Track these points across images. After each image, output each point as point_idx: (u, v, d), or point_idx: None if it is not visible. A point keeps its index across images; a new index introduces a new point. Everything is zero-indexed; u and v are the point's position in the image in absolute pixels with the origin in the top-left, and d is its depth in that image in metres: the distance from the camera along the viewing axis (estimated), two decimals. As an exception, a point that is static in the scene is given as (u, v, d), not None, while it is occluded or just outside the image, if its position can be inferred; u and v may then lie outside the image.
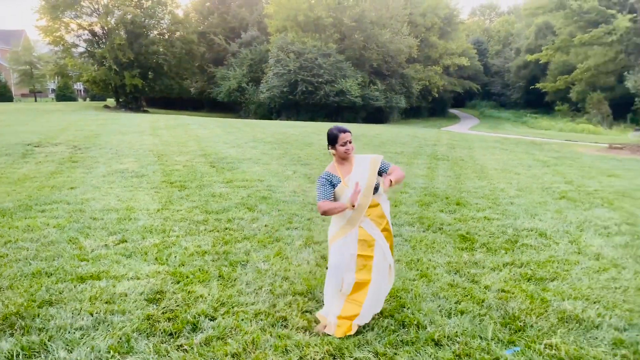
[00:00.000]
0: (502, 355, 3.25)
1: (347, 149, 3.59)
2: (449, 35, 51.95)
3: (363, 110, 41.19)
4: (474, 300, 4.15)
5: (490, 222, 6.88)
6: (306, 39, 40.09)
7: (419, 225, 6.60)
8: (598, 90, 43.53)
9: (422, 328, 3.63)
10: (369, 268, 3.53)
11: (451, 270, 4.91)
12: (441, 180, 10.40)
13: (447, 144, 18.48)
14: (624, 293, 4.43)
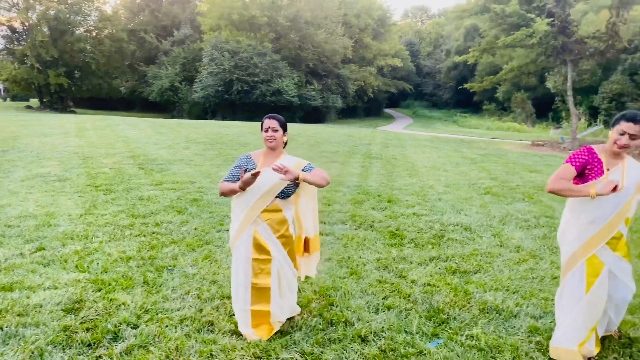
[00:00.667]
0: (426, 348, 3.33)
1: (268, 136, 3.45)
2: (383, 36, 53.05)
3: (300, 109, 41.29)
4: (401, 295, 4.24)
5: (419, 218, 7.07)
6: (241, 38, 39.66)
7: (351, 223, 6.67)
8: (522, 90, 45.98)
9: (349, 325, 3.66)
10: (267, 272, 3.41)
11: (380, 266, 4.99)
12: (374, 178, 10.58)
13: (381, 143, 18.86)
14: (541, 282, 4.67)
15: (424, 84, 70.48)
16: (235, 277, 3.48)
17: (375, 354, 3.25)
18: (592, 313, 3.12)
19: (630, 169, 3.13)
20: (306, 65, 43.18)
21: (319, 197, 8.10)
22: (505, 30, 23.32)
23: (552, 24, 21.03)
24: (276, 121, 3.50)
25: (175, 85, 42.81)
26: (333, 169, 11.54)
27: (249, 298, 3.42)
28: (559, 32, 21.38)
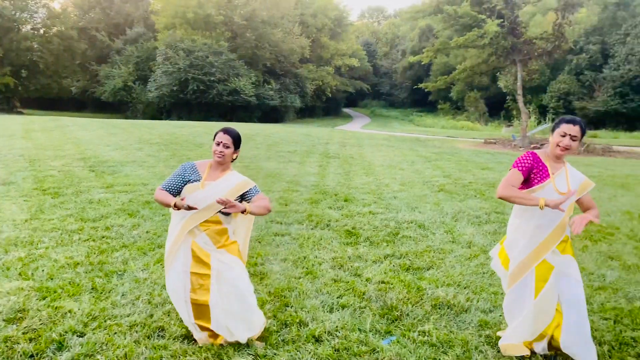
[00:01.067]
0: (379, 346, 3.36)
1: (218, 150, 3.31)
2: (340, 36, 53.42)
3: (258, 109, 41.06)
4: (356, 294, 4.27)
5: (375, 216, 7.14)
6: (196, 37, 39.09)
7: (307, 222, 6.67)
8: (475, 89, 47.27)
9: (304, 325, 3.65)
10: (206, 288, 3.24)
11: (336, 265, 5.01)
12: (332, 177, 10.62)
13: (339, 143, 18.96)
14: (491, 277, 4.80)
15: (381, 84, 71.34)
16: (174, 292, 3.31)
17: (329, 353, 3.26)
18: (541, 317, 3.15)
19: (572, 173, 3.23)
20: (263, 65, 42.98)
21: (275, 198, 8.07)
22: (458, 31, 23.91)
23: (501, 25, 21.70)
24: (230, 137, 3.33)
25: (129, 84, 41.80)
26: (290, 169, 11.52)
27: (192, 312, 3.28)
28: (509, 33, 22.06)
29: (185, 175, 3.34)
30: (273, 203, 7.63)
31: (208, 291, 3.24)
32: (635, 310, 4.03)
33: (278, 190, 8.78)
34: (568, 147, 3.10)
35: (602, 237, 6.26)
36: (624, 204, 8.23)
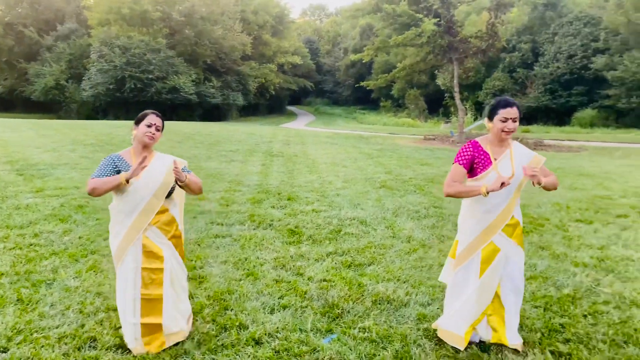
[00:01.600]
0: (320, 345, 3.35)
1: (151, 132, 3.19)
2: (282, 33, 53.23)
3: (199, 107, 40.26)
4: (297, 293, 4.24)
5: (318, 214, 7.15)
6: (132, 33, 37.81)
7: (249, 223, 6.58)
8: (415, 87, 48.40)
9: (244, 328, 3.59)
10: (158, 282, 3.23)
11: (278, 265, 4.97)
12: (275, 176, 10.56)
13: (283, 141, 18.89)
14: (429, 270, 4.90)
15: (325, 82, 71.72)
16: (122, 291, 3.23)
17: (269, 355, 3.22)
18: (482, 298, 3.22)
19: (517, 155, 3.25)
20: (204, 62, 42.16)
21: (216, 198, 7.92)
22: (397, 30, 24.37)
23: (438, 24, 22.29)
24: (161, 120, 3.29)
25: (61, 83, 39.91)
26: (232, 168, 11.35)
27: (139, 310, 3.20)
28: (445, 32, 22.69)
29: (116, 165, 3.19)
30: (213, 204, 7.52)
31: (161, 285, 3.23)
32: (563, 297, 4.23)
33: (219, 191, 8.63)
34: (513, 130, 3.13)
35: (534, 228, 6.54)
36: (553, 196, 8.64)
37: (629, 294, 4.28)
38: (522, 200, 3.48)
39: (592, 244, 5.80)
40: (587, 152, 19.02)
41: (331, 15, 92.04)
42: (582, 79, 37.10)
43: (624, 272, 4.85)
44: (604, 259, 5.26)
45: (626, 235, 6.18)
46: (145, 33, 38.89)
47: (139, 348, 3.19)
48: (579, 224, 6.80)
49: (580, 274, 4.79)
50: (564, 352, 3.30)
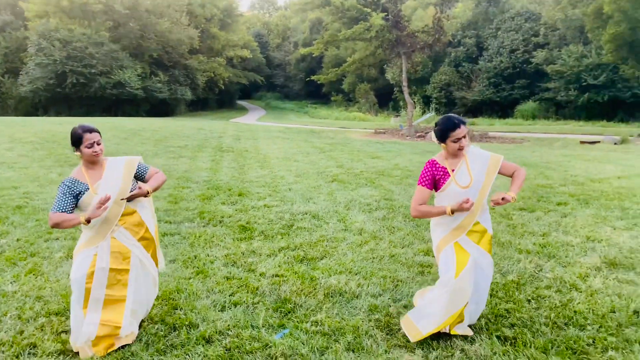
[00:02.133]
0: (272, 341, 3.33)
1: (94, 151, 3.15)
2: (230, 27, 52.44)
3: (146, 102, 39.17)
4: (249, 290, 4.19)
5: (270, 209, 7.10)
6: (73, 26, 36.25)
7: (199, 220, 6.46)
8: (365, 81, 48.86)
9: (193, 328, 3.51)
10: (123, 283, 3.22)
11: (229, 262, 4.89)
12: (225, 172, 10.40)
13: (233, 136, 18.65)
14: (380, 262, 4.96)
15: (275, 76, 71.29)
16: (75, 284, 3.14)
17: (220, 353, 3.16)
18: (456, 299, 3.21)
19: (473, 162, 3.33)
20: (150, 56, 40.98)
21: (164, 196, 7.73)
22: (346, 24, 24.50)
23: (386, 18, 22.57)
24: (98, 133, 3.22)
25: (-4, 78, 37.82)
26: (181, 165, 11.11)
27: (100, 311, 3.15)
28: (393, 26, 23.01)
29: (73, 190, 3.13)
30: (161, 202, 7.33)
31: (126, 286, 3.23)
32: (508, 283, 4.38)
33: (167, 188, 8.41)
34: (465, 146, 3.26)
35: (480, 217, 6.73)
36: (497, 186, 8.92)
37: (569, 278, 4.48)
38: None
39: (535, 231, 6.03)
40: (529, 143, 19.80)
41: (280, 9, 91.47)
42: (524, 72, 38.57)
43: (564, 257, 5.07)
44: (546, 245, 5.48)
45: (566, 222, 6.46)
46: (86, 26, 37.36)
47: (86, 350, 3.08)
48: (522, 212, 7.06)
49: (524, 260, 4.97)
50: (510, 337, 3.40)
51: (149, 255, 3.39)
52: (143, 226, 3.34)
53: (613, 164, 12.18)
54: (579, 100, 33.94)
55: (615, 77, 31.38)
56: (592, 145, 18.71)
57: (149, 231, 3.38)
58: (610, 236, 5.77)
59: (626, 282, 4.39)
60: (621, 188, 8.76)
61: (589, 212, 7.01)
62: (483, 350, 3.21)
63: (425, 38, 23.91)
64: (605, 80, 32.21)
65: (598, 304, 3.92)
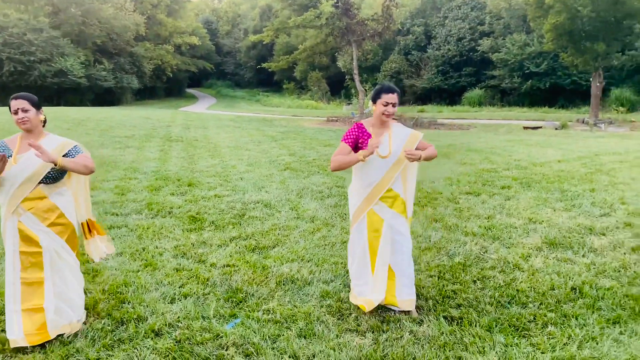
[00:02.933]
0: (223, 331, 3.30)
1: (19, 118, 3.06)
2: (177, 13, 51.11)
3: (90, 91, 37.72)
4: (199, 281, 4.14)
5: (221, 199, 7.01)
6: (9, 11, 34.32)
7: (147, 211, 6.30)
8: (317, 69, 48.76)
9: (142, 321, 3.44)
10: (38, 266, 3.11)
11: (178, 254, 4.81)
12: (174, 162, 10.19)
13: (182, 125, 18.26)
14: (332, 248, 5.00)
15: (225, 63, 70.09)
16: (6, 274, 3.11)
17: (169, 346, 3.11)
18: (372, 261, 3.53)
19: (396, 136, 3.55)
20: (93, 43, 39.40)
21: (110, 187, 7.49)
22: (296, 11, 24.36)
23: (336, 5, 22.57)
24: (24, 100, 3.10)
25: None
26: (128, 155, 10.78)
27: (19, 296, 3.06)
28: (343, 14, 23.04)
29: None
30: (107, 193, 7.10)
31: (42, 269, 3.12)
32: (455, 265, 4.51)
33: (113, 179, 8.16)
34: (392, 113, 3.46)
35: (428, 201, 6.90)
36: (445, 171, 9.17)
37: (512, 259, 4.66)
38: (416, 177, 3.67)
39: (480, 214, 6.24)
40: (476, 129, 20.40)
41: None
42: (470, 60, 39.55)
43: (508, 239, 5.27)
44: (491, 227, 5.67)
45: (509, 205, 6.71)
46: (24, 11, 35.48)
47: (20, 340, 2.98)
48: (468, 196, 7.27)
49: (470, 242, 5.13)
50: (456, 317, 3.52)
51: (63, 241, 3.20)
52: (55, 211, 3.17)
53: (554, 149, 12.72)
54: (522, 87, 35.17)
55: (556, 64, 32.69)
56: (534, 131, 19.48)
57: (64, 216, 3.21)
58: (550, 217, 6.04)
59: (564, 260, 4.61)
60: (561, 171, 9.18)
61: (531, 194, 7.30)
62: (431, 331, 3.30)
63: (375, 26, 24.09)
64: (547, 68, 33.53)
65: (539, 283, 4.10)
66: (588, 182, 8.16)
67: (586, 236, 5.31)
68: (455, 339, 3.22)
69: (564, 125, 20.62)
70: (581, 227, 5.63)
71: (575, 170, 9.25)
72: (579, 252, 4.84)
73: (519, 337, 3.24)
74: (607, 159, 10.66)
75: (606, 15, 20.63)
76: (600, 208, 6.39)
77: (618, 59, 23.85)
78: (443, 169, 9.43)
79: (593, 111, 22.86)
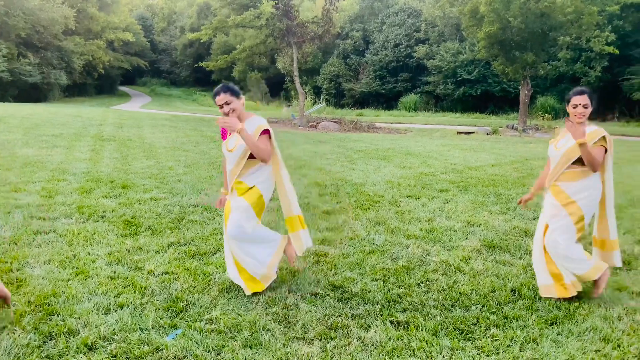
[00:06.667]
0: (163, 343, 3.12)
1: None
2: (110, 8, 49.01)
3: (13, 86, 35.39)
4: (136, 290, 3.91)
5: (158, 202, 6.72)
6: None
7: (77, 215, 5.92)
8: (256, 70, 48.36)
9: (73, 335, 3.18)
10: None
11: (112, 261, 4.53)
12: (106, 163, 9.70)
13: (115, 124, 17.48)
14: (276, 253, 4.88)
15: (161, 61, 68.10)
16: None
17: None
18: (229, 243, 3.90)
19: (247, 126, 3.78)
20: (17, 36, 36.96)
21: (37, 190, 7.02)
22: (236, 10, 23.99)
23: (276, 6, 22.43)
24: None
25: None
26: (56, 155, 10.15)
27: None
28: (283, 15, 22.94)
29: None
30: (33, 196, 6.64)
31: None
32: (399, 269, 4.54)
33: (40, 181, 7.64)
34: (225, 112, 3.74)
35: (370, 205, 6.94)
36: (386, 174, 9.30)
37: (454, 261, 4.75)
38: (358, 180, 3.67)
39: (421, 217, 6.34)
40: (412, 134, 20.90)
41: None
42: (406, 66, 40.59)
43: (449, 241, 5.38)
44: (431, 230, 5.77)
45: (448, 208, 6.87)
46: (-64, -3, 32.79)
47: None
48: (409, 199, 7.39)
49: (412, 245, 5.19)
50: (403, 321, 3.52)
51: None
52: None
53: (487, 153, 13.24)
54: (455, 93, 36.52)
55: (487, 72, 34.20)
56: (467, 136, 20.22)
57: None
58: (487, 220, 6.24)
59: (503, 262, 4.76)
60: (495, 175, 9.54)
61: (468, 198, 7.53)
62: (379, 337, 3.28)
63: (315, 29, 24.16)
64: (478, 75, 35.02)
65: (480, 285, 4.20)
66: (521, 185, 8.52)
67: (522, 238, 5.52)
68: (402, 344, 3.22)
69: (495, 130, 21.55)
70: (517, 229, 5.85)
71: (508, 174, 9.65)
72: (515, 254, 5.01)
73: (464, 341, 3.28)
74: (536, 164, 11.21)
75: (534, 27, 21.79)
76: (534, 211, 6.66)
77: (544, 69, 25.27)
78: (384, 172, 9.55)
79: (521, 118, 24.07)
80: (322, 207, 6.75)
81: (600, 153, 3.75)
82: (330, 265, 4.59)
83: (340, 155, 12.15)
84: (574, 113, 3.83)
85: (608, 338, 3.33)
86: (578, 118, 3.80)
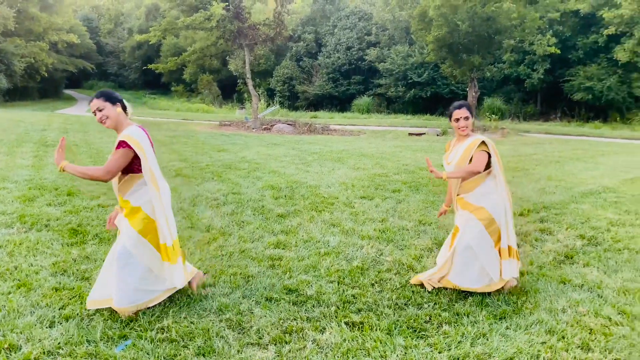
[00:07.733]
0: (112, 355, 3.01)
1: None
2: (53, 8, 47.16)
3: (-53, 91, 33.48)
4: (83, 301, 3.76)
5: (105, 209, 6.52)
6: None
7: (19, 225, 5.65)
8: (207, 72, 47.71)
9: (15, 350, 3.03)
10: None
11: (57, 271, 4.35)
12: (51, 169, 9.31)
13: (60, 129, 16.85)
14: (230, 258, 4.83)
15: (108, 64, 66.16)
16: None
17: (49, 378, 2.77)
18: None
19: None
20: (-49, 36, 35.04)
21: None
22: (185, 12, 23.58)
23: (227, 8, 22.19)
24: None
25: None
26: (-5, 162, 9.66)
27: None
28: (234, 17, 22.71)
29: None
30: (-30, 205, 6.26)
31: None
32: (353, 269, 4.56)
33: (-23, 189, 7.24)
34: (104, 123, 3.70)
35: (325, 207, 6.96)
36: (340, 176, 9.35)
37: (406, 260, 4.82)
38: (313, 182, 3.67)
39: (375, 218, 6.41)
40: (366, 136, 21.14)
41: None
42: (359, 69, 41.07)
43: (401, 241, 5.46)
44: (385, 230, 5.85)
45: (401, 208, 6.98)
46: None
47: None
48: (363, 200, 7.46)
49: (367, 246, 5.24)
50: (357, 322, 3.54)
51: None
52: None
53: (437, 154, 13.54)
54: (406, 96, 37.24)
55: (436, 75, 35.07)
56: (418, 137, 20.64)
57: None
58: (437, 219, 6.37)
59: (453, 260, 4.86)
60: (445, 175, 9.75)
61: (420, 197, 7.67)
62: (334, 339, 3.28)
63: (267, 31, 24.05)
64: (428, 77, 35.86)
65: (432, 283, 4.27)
66: (469, 185, 8.75)
67: (471, 236, 5.65)
68: (357, 344, 3.23)
69: (445, 131, 22.09)
70: (466, 227, 5.99)
71: (457, 174, 9.89)
72: (465, 251, 5.13)
73: (418, 338, 3.34)
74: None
75: (481, 31, 22.52)
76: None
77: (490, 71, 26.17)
78: (338, 174, 9.60)
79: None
80: (277, 210, 6.72)
81: (482, 157, 3.94)
82: (285, 268, 4.57)
83: (294, 157, 12.14)
84: (457, 126, 4.04)
85: (553, 330, 3.47)
86: (462, 131, 4.02)
